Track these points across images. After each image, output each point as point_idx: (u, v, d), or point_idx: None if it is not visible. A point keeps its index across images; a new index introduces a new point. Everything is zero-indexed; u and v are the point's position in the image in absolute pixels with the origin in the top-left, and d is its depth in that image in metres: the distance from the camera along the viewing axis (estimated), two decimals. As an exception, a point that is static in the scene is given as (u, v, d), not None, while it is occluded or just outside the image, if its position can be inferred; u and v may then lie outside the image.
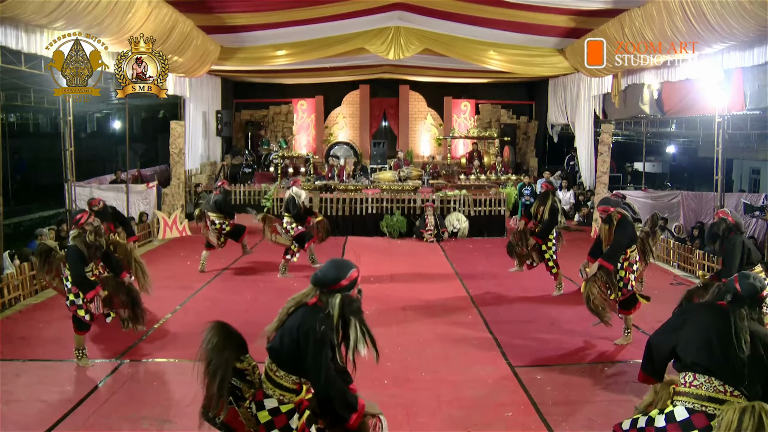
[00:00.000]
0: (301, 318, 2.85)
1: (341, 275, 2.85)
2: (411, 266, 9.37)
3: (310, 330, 2.77)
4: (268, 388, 2.90)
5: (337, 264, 2.92)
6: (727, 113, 10.24)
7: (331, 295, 2.85)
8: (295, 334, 2.82)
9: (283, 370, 2.87)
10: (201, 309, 7.07)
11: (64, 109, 9.44)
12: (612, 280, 5.70)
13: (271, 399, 2.87)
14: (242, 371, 2.97)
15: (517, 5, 9.80)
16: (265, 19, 10.82)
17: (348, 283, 2.85)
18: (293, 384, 2.88)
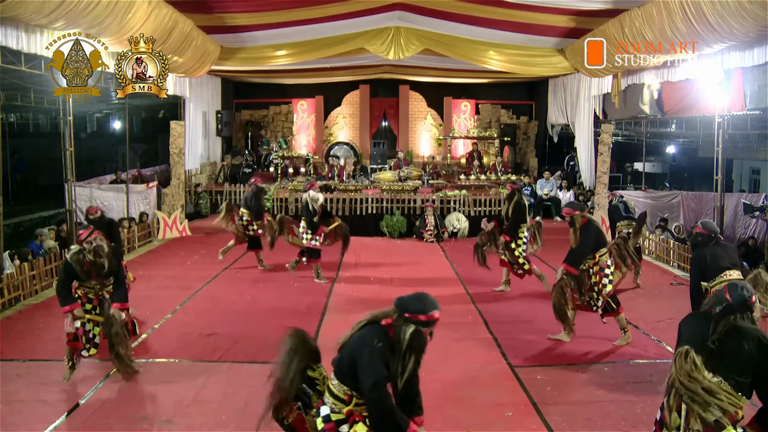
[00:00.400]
0: (364, 332, 2.96)
1: (425, 309, 2.93)
2: (411, 266, 9.37)
3: (367, 343, 2.88)
4: (326, 396, 3.03)
5: (424, 298, 2.99)
6: (727, 113, 10.24)
7: (407, 323, 2.91)
8: (354, 346, 2.93)
9: (337, 379, 2.99)
10: (201, 309, 7.07)
11: (64, 109, 9.44)
12: (580, 284, 5.76)
13: (325, 407, 3.00)
14: (313, 380, 3.11)
15: (517, 5, 9.80)
16: (265, 19, 10.82)
17: (426, 320, 2.92)
18: (344, 394, 2.96)
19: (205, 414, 4.49)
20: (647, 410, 4.59)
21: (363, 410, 2.97)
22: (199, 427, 4.31)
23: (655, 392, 4.94)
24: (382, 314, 3.02)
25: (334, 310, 7.07)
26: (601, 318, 5.93)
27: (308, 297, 7.58)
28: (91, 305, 5.10)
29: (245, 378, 5.13)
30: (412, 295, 3.02)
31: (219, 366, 5.38)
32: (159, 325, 6.48)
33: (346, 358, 2.95)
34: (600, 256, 5.80)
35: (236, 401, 4.68)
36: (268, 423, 3.02)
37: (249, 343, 5.93)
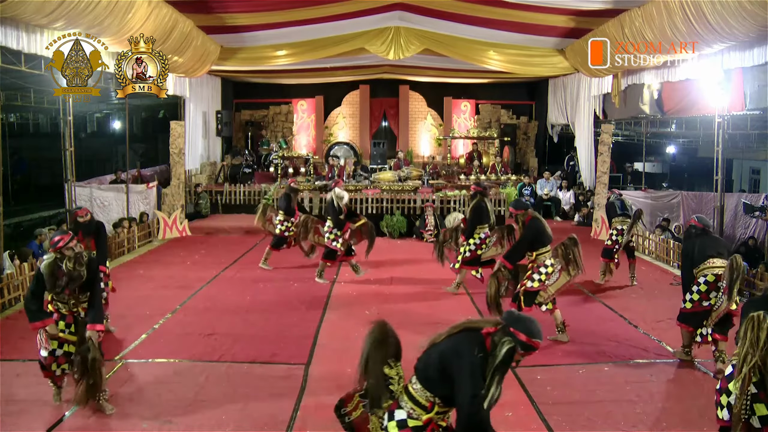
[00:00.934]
0: (460, 341, 2.79)
1: (531, 331, 2.77)
2: (411, 266, 9.37)
3: (467, 352, 2.72)
4: (402, 399, 2.87)
5: (537, 325, 2.83)
6: (727, 113, 10.24)
7: (507, 337, 2.76)
8: (448, 354, 2.76)
9: (420, 384, 2.83)
10: (201, 309, 7.08)
11: (64, 109, 9.45)
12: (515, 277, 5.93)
13: (401, 411, 2.84)
14: (387, 378, 2.94)
15: (517, 5, 9.80)
16: (265, 19, 10.82)
17: (527, 342, 2.76)
18: (426, 401, 2.82)
19: (205, 414, 4.49)
20: (647, 410, 4.60)
21: (441, 419, 2.86)
22: (199, 427, 4.31)
23: (656, 392, 4.94)
24: (482, 321, 2.86)
25: (334, 310, 7.07)
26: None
27: (308, 297, 7.59)
28: (64, 323, 4.54)
29: (245, 378, 5.14)
30: (524, 314, 2.89)
31: (219, 366, 5.38)
32: (159, 325, 6.48)
33: (435, 362, 2.79)
34: (538, 254, 5.89)
35: (236, 401, 4.68)
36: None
37: (249, 343, 5.93)
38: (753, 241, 11.27)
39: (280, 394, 4.82)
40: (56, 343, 4.46)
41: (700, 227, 5.55)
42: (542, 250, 5.92)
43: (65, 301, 4.54)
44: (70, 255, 4.41)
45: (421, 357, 2.90)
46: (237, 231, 12.04)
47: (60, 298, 4.53)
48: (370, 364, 2.88)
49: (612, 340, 6.07)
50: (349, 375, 5.22)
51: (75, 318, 4.56)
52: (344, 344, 5.97)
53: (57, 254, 4.43)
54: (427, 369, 2.83)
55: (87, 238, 6.00)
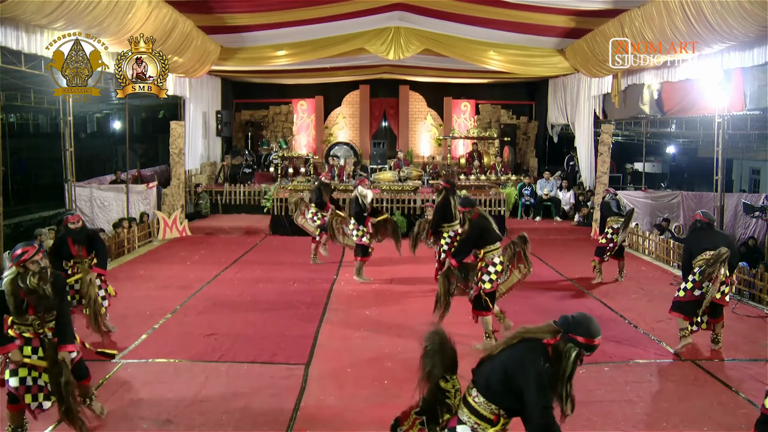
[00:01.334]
0: (524, 352, 2.74)
1: (590, 332, 2.78)
2: (411, 266, 9.36)
3: (534, 363, 2.68)
4: (463, 413, 2.77)
5: (594, 322, 2.83)
6: (727, 113, 10.24)
7: (569, 343, 2.74)
8: (512, 365, 2.71)
9: (483, 397, 2.75)
10: (201, 309, 7.08)
11: (64, 109, 9.46)
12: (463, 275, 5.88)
13: (464, 426, 2.75)
14: (444, 392, 2.85)
15: (517, 5, 9.79)
16: (265, 19, 10.82)
17: (589, 344, 2.77)
18: (491, 414, 2.74)
19: (205, 414, 4.49)
20: (647, 410, 4.60)
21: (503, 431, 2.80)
22: (199, 427, 4.31)
23: (656, 392, 4.94)
24: (539, 331, 2.80)
25: (334, 310, 7.07)
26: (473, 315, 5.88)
27: (308, 297, 7.59)
28: (30, 347, 4.05)
29: (245, 378, 5.14)
30: (578, 315, 2.83)
31: (219, 366, 5.39)
32: (159, 325, 6.48)
33: (497, 374, 2.73)
34: (485, 252, 5.77)
35: (236, 401, 4.68)
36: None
37: (249, 343, 5.93)
38: (753, 241, 11.28)
39: (280, 394, 4.82)
40: (26, 370, 3.99)
41: (705, 221, 5.84)
42: (490, 248, 5.76)
43: (29, 323, 4.02)
44: (35, 270, 3.94)
45: (481, 369, 2.83)
46: (237, 231, 12.05)
47: (23, 321, 4.01)
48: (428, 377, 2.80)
49: (612, 340, 6.07)
50: (349, 375, 5.24)
51: (42, 341, 4.06)
52: (344, 344, 5.97)
53: (20, 269, 3.94)
54: (490, 381, 2.76)
55: (77, 246, 5.88)
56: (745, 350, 5.86)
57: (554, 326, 2.78)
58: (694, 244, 5.77)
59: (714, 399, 4.84)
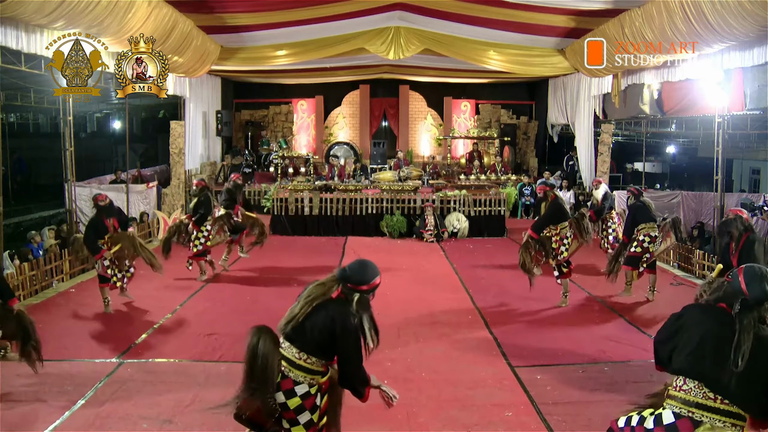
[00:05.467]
0: (333, 310, 3.06)
1: (368, 278, 3.16)
2: (411, 266, 9.36)
3: (347, 320, 3.01)
4: (297, 376, 3.08)
5: (366, 266, 3.22)
6: (727, 113, 10.24)
7: (353, 294, 3.10)
8: (330, 324, 3.02)
9: (314, 357, 3.07)
10: (201, 309, 7.07)
11: (64, 109, 9.45)
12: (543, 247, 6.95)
13: (302, 385, 3.07)
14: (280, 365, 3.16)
15: (517, 5, 9.80)
16: (265, 19, 10.82)
17: (369, 288, 3.16)
18: (322, 367, 3.11)
19: (205, 414, 4.48)
20: (647, 410, 4.60)
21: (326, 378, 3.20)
22: (199, 427, 4.31)
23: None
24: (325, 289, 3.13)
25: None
26: (556, 279, 7.15)
27: (308, 297, 7.57)
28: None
29: (245, 378, 5.13)
30: (351, 266, 3.19)
31: (219, 366, 5.38)
32: (159, 325, 6.48)
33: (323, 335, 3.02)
34: (561, 228, 6.93)
35: (236, 401, 4.68)
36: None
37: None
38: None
39: (280, 394, 4.81)
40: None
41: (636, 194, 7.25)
42: (564, 224, 6.98)
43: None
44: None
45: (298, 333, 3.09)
46: (237, 231, 12.02)
47: None
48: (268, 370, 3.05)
49: (612, 340, 6.07)
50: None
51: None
52: (344, 344, 5.97)
53: None
54: (317, 343, 3.04)
55: (109, 219, 6.83)
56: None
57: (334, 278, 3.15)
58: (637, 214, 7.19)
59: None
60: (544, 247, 6.94)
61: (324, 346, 3.05)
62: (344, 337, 3.00)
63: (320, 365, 3.10)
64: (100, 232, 6.75)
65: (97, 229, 6.76)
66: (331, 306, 3.08)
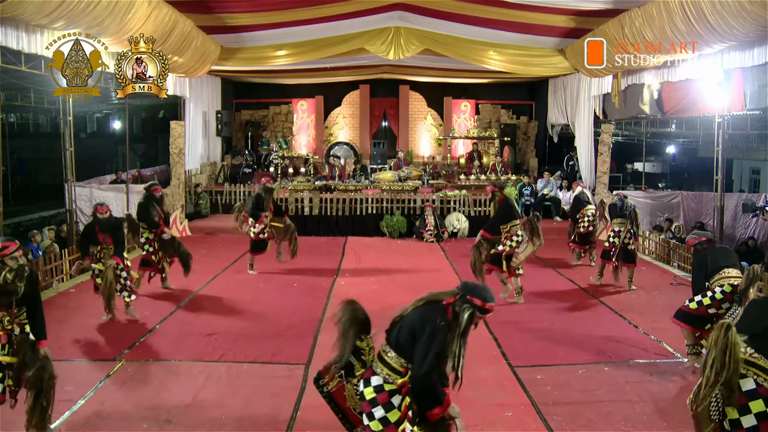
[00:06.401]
0: (426, 311, 3.12)
1: (485, 297, 3.14)
2: (411, 266, 9.37)
3: (430, 321, 3.05)
4: (377, 366, 3.18)
5: (490, 291, 3.21)
6: (727, 113, 10.23)
7: (465, 305, 3.10)
8: (416, 324, 3.09)
9: (395, 352, 3.14)
10: (201, 309, 7.08)
11: (64, 109, 9.45)
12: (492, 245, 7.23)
13: (377, 377, 3.14)
14: (359, 349, 3.29)
15: (517, 5, 9.79)
16: (265, 19, 10.81)
17: (483, 307, 3.13)
18: (400, 366, 3.13)
19: (205, 414, 4.49)
20: (647, 410, 4.60)
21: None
22: (199, 427, 4.31)
23: (656, 392, 4.94)
24: (442, 294, 3.17)
25: (334, 310, 7.05)
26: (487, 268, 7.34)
27: (308, 297, 7.59)
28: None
29: (245, 378, 5.14)
30: (478, 284, 3.26)
31: (219, 366, 5.39)
32: (159, 325, 6.48)
33: (406, 332, 3.10)
34: (511, 227, 7.22)
35: (236, 401, 4.68)
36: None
37: (249, 343, 5.93)
38: (753, 242, 11.27)
39: (280, 394, 4.82)
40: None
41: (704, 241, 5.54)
42: (514, 223, 7.23)
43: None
44: (12, 266, 3.92)
45: (392, 328, 3.23)
46: (237, 231, 12.00)
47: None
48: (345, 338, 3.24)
49: (612, 340, 6.07)
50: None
51: (10, 337, 4.01)
52: (344, 344, 5.97)
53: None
54: (399, 339, 3.14)
55: (104, 234, 6.50)
56: (745, 350, 5.85)
57: (455, 290, 3.18)
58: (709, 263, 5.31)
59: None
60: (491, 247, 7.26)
61: (404, 342, 3.10)
62: (424, 337, 3.02)
63: (398, 364, 3.12)
64: (92, 241, 6.61)
65: (88, 237, 6.67)
66: (428, 308, 3.13)
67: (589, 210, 9.28)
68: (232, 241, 11.25)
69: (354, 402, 3.25)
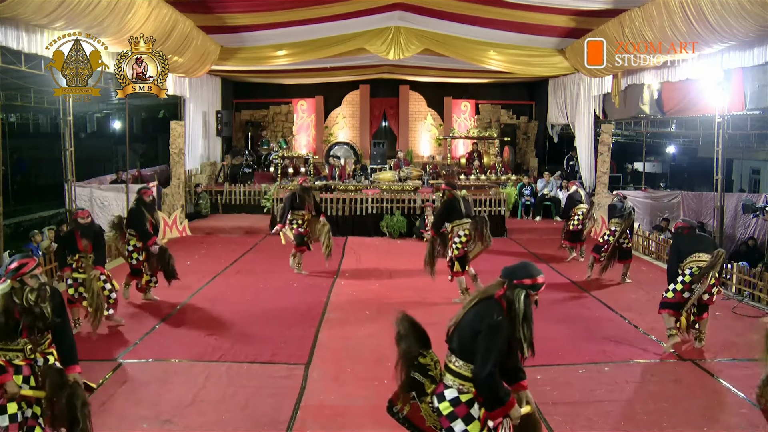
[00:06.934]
0: (481, 309, 3.01)
1: (533, 273, 3.01)
2: (411, 266, 9.36)
3: (486, 318, 2.94)
4: (448, 379, 3.03)
5: (529, 263, 3.09)
6: (727, 113, 10.23)
7: (516, 290, 2.97)
8: (475, 323, 2.97)
9: (461, 360, 3.00)
10: (201, 309, 7.08)
11: (64, 109, 9.45)
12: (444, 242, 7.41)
13: (451, 389, 3.00)
14: (425, 366, 3.08)
15: (517, 5, 9.79)
16: (265, 19, 10.82)
17: (534, 283, 2.99)
18: (470, 372, 2.98)
19: (205, 414, 4.49)
20: (647, 410, 4.60)
21: None
22: (199, 427, 4.31)
23: (656, 392, 4.94)
24: (490, 287, 3.06)
25: (334, 310, 7.07)
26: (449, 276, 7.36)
27: (308, 297, 7.59)
28: (21, 376, 3.47)
29: (245, 378, 5.14)
30: (517, 264, 3.09)
31: (219, 366, 5.38)
32: (159, 325, 6.48)
33: (467, 335, 2.98)
34: (453, 226, 7.27)
35: (236, 401, 4.68)
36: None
37: (249, 343, 5.93)
38: (753, 241, 11.27)
39: (280, 394, 4.82)
40: (15, 405, 3.40)
41: (686, 226, 6.08)
42: (456, 222, 7.28)
43: (19, 348, 3.46)
44: (33, 285, 3.47)
45: (452, 336, 3.08)
46: (237, 231, 12.05)
47: (12, 345, 3.45)
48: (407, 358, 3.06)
49: (612, 340, 6.07)
50: (349, 375, 5.24)
51: (33, 368, 3.52)
52: (344, 344, 5.97)
53: (15, 284, 3.47)
54: (462, 343, 3.00)
55: (84, 240, 6.13)
56: (745, 350, 5.85)
57: (500, 279, 3.05)
58: (682, 247, 5.89)
59: (714, 399, 4.84)
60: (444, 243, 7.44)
61: (467, 344, 2.97)
62: (482, 333, 2.91)
63: (467, 370, 2.99)
64: (70, 248, 6.14)
65: (66, 245, 6.19)
66: (482, 303, 3.03)
67: (580, 209, 9.57)
68: (232, 241, 11.25)
69: (433, 420, 3.07)
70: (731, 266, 8.17)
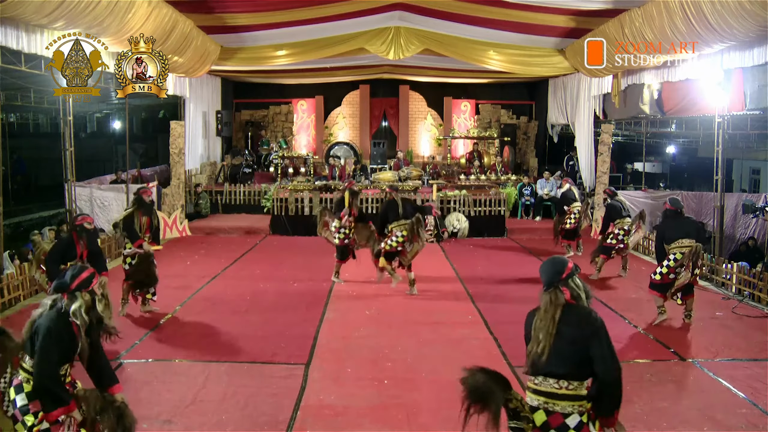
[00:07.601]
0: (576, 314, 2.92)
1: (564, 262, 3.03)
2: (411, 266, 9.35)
3: (584, 323, 2.86)
4: (564, 407, 2.85)
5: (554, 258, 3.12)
6: (727, 113, 10.23)
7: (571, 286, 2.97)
8: (576, 337, 2.85)
9: (576, 381, 2.86)
10: (201, 309, 7.08)
11: (64, 109, 9.44)
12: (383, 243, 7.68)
13: (573, 416, 2.84)
14: (516, 410, 2.89)
15: (517, 5, 9.79)
16: (265, 19, 10.82)
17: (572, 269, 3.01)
18: (586, 389, 2.88)
19: (205, 414, 4.49)
20: (647, 410, 4.60)
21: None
22: (199, 427, 4.31)
23: (656, 392, 4.94)
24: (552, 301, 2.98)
25: (334, 310, 7.07)
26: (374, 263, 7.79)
27: (308, 297, 7.59)
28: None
29: (245, 378, 5.14)
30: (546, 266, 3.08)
31: (219, 366, 5.38)
32: (159, 325, 6.48)
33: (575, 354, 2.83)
34: (392, 226, 7.63)
35: (236, 401, 4.68)
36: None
37: (249, 343, 5.93)
38: (753, 241, 11.27)
39: (280, 394, 4.82)
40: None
41: (673, 209, 6.50)
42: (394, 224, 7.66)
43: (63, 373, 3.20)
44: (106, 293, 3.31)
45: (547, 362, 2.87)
46: (237, 231, 12.05)
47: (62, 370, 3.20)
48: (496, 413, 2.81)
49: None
50: (349, 375, 5.24)
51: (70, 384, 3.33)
52: (344, 344, 5.97)
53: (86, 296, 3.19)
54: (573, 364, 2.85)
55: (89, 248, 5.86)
56: (745, 350, 5.86)
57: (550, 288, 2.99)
58: (667, 231, 6.42)
59: (714, 399, 4.84)
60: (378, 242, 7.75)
61: (580, 361, 2.82)
62: (596, 336, 2.81)
63: (583, 388, 2.87)
64: (66, 257, 5.72)
65: (63, 253, 5.74)
66: (572, 312, 2.91)
67: (575, 207, 9.80)
68: (232, 242, 11.25)
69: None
70: (731, 266, 8.18)
